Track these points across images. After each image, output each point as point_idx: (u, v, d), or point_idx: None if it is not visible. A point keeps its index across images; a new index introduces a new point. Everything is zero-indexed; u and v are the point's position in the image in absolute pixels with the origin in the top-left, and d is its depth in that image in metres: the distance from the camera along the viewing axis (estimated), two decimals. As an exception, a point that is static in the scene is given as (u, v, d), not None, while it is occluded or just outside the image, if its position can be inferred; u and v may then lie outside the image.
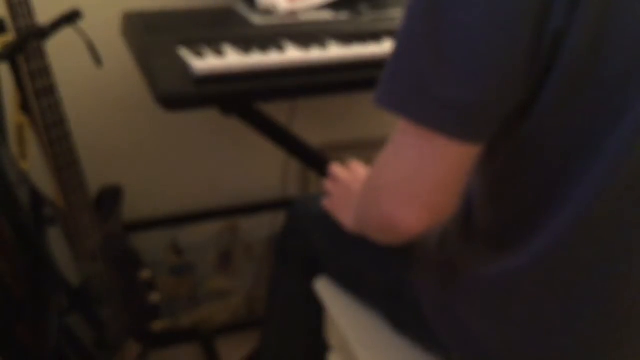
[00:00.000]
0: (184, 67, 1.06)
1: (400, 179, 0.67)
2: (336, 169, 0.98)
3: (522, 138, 0.66)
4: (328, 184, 0.97)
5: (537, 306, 0.74)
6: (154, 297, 1.37)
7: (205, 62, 1.04)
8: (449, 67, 0.60)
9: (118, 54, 1.33)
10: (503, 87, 0.60)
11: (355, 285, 0.99)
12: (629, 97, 0.60)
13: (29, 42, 1.05)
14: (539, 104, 0.62)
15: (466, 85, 0.60)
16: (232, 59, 1.07)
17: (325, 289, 1.02)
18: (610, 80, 0.60)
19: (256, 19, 1.28)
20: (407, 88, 0.63)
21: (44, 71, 1.08)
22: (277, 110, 1.44)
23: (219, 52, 1.09)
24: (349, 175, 0.95)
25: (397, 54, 0.64)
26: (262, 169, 1.71)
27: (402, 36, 0.64)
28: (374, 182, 0.73)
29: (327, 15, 1.33)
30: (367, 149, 1.71)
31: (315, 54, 1.12)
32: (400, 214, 0.68)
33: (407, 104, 0.63)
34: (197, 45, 1.11)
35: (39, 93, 1.08)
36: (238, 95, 1.11)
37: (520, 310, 0.75)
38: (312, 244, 1.03)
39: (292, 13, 1.31)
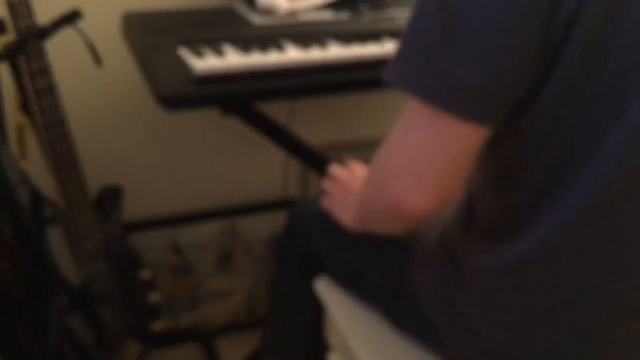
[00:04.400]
0: (184, 67, 1.06)
1: (409, 160, 0.67)
2: (335, 169, 0.98)
3: (527, 126, 0.66)
4: (327, 184, 0.98)
5: (537, 298, 0.74)
6: (154, 297, 1.37)
7: (205, 62, 1.04)
8: (461, 46, 0.60)
9: (118, 54, 1.33)
10: (513, 69, 0.60)
11: (356, 284, 0.99)
12: (634, 85, 0.60)
13: (29, 42, 1.05)
14: (547, 91, 0.62)
15: (477, 65, 0.60)
16: (232, 59, 1.07)
17: (325, 289, 1.02)
18: (616, 69, 0.60)
19: (256, 19, 1.28)
20: (419, 66, 0.63)
21: (44, 71, 1.08)
22: (277, 110, 1.44)
23: (219, 52, 1.09)
24: (348, 174, 0.96)
25: (409, 33, 0.65)
26: (262, 169, 1.71)
27: (414, 15, 0.64)
28: (382, 164, 0.73)
29: (327, 15, 1.33)
30: (367, 149, 1.71)
31: (315, 54, 1.12)
32: (407, 195, 0.68)
33: (418, 82, 0.64)
34: (197, 45, 1.11)
35: (39, 93, 1.08)
36: (238, 95, 1.11)
37: (520, 302, 0.75)
38: (312, 244, 1.03)
39: (292, 13, 1.31)
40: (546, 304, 0.73)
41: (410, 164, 0.67)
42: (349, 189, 0.93)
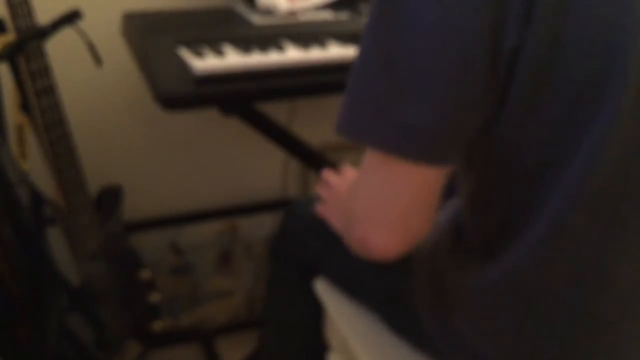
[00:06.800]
0: (184, 67, 1.06)
1: (371, 205, 0.67)
2: (327, 174, 0.97)
3: (492, 152, 0.65)
4: (320, 190, 0.97)
5: (522, 315, 0.73)
6: (154, 297, 1.37)
7: (205, 62, 1.04)
8: (406, 92, 0.59)
9: (118, 54, 1.33)
10: (461, 110, 0.60)
11: (353, 290, 0.98)
12: (592, 105, 0.59)
13: (29, 42, 1.05)
14: (502, 120, 0.61)
15: (424, 109, 0.59)
16: (232, 59, 1.07)
17: (325, 290, 1.02)
18: (570, 89, 0.59)
19: (256, 19, 1.28)
20: (367, 114, 0.63)
21: (44, 71, 1.08)
22: (277, 110, 1.44)
23: (219, 52, 1.09)
24: (340, 180, 0.95)
25: (354, 81, 0.64)
26: (262, 169, 1.71)
27: (359, 62, 0.63)
28: (349, 206, 0.72)
29: (327, 15, 1.33)
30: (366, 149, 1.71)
31: (315, 54, 1.12)
32: (373, 239, 0.67)
33: (368, 130, 0.63)
34: (197, 45, 1.11)
35: (39, 93, 1.08)
36: (238, 95, 1.11)
37: (508, 320, 0.75)
38: (308, 248, 1.03)
39: (292, 13, 1.31)
40: (531, 321, 0.73)
41: (372, 208, 0.67)
42: (342, 194, 0.92)
